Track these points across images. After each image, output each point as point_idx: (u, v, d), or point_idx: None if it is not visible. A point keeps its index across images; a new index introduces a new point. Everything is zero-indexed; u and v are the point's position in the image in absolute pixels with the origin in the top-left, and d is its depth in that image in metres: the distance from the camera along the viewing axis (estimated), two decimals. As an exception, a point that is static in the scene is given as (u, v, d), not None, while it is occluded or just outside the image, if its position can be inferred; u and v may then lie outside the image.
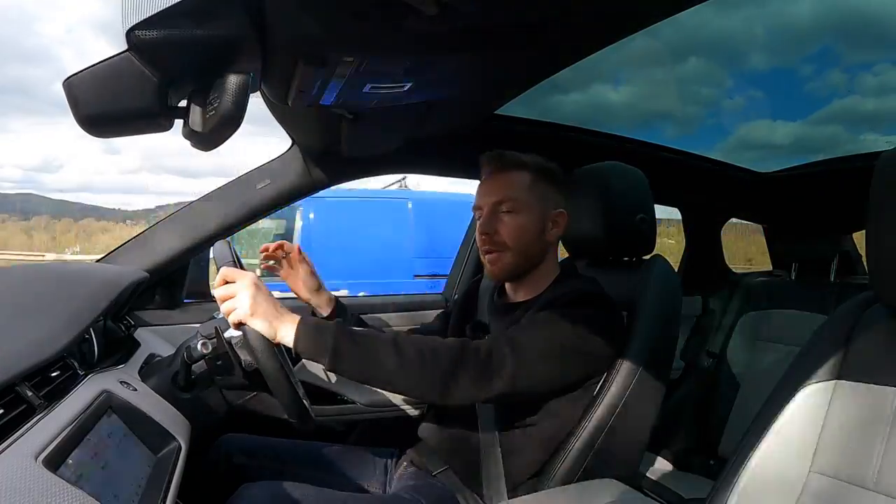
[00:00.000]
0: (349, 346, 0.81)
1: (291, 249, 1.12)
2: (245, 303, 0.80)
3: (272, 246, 1.12)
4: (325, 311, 1.13)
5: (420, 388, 0.84)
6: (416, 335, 0.87)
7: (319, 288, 1.14)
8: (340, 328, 0.82)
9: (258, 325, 0.81)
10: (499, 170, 1.03)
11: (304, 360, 1.17)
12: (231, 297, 0.82)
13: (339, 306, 1.14)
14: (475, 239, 1.73)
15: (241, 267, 0.92)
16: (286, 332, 0.81)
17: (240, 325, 0.82)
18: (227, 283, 0.84)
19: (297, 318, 0.83)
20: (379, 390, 1.18)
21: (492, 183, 1.03)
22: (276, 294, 0.89)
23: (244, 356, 0.95)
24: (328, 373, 1.23)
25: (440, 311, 1.39)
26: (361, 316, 1.23)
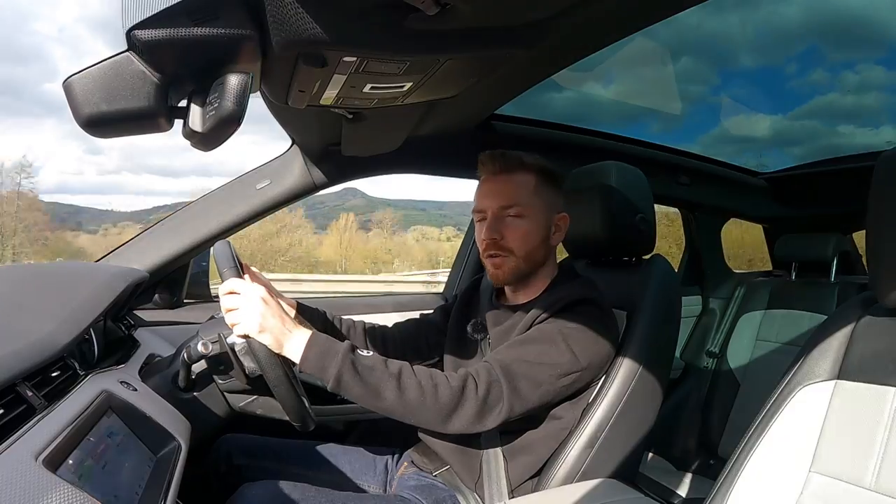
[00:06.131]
0: (352, 375, 0.81)
1: (248, 271, 1.01)
2: (253, 319, 0.80)
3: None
4: (290, 314, 1.10)
5: (418, 420, 0.85)
6: (421, 367, 0.87)
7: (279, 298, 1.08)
8: (346, 355, 0.82)
9: (265, 340, 0.81)
10: (502, 171, 1.00)
11: None
12: (237, 309, 0.82)
13: (300, 308, 1.11)
14: (474, 239, 1.75)
15: (242, 267, 0.92)
16: (293, 350, 0.82)
17: (245, 336, 0.82)
18: (233, 292, 0.83)
19: (305, 335, 0.82)
20: None
21: (496, 184, 1.00)
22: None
23: (248, 363, 0.95)
24: None
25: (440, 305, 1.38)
26: (355, 316, 1.23)
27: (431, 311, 1.27)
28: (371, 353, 0.86)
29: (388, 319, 1.33)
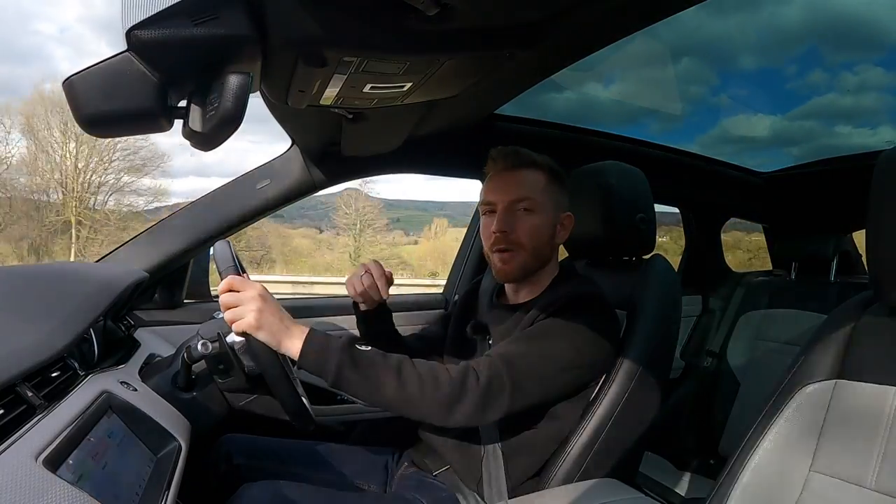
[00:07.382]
0: (351, 369, 0.81)
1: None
2: (251, 315, 0.80)
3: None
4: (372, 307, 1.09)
5: (420, 413, 0.85)
6: (422, 360, 0.87)
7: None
8: (344, 350, 0.81)
9: (263, 337, 0.80)
10: (514, 166, 1.01)
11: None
12: (236, 307, 0.82)
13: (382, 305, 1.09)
14: (474, 239, 1.74)
15: (241, 267, 0.93)
16: (291, 346, 0.81)
17: (244, 333, 0.82)
18: (231, 290, 0.83)
19: (303, 332, 0.82)
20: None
21: (507, 179, 1.01)
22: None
23: (247, 361, 0.95)
24: None
25: (440, 310, 1.38)
26: None
27: (431, 314, 1.27)
28: (369, 347, 0.86)
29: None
